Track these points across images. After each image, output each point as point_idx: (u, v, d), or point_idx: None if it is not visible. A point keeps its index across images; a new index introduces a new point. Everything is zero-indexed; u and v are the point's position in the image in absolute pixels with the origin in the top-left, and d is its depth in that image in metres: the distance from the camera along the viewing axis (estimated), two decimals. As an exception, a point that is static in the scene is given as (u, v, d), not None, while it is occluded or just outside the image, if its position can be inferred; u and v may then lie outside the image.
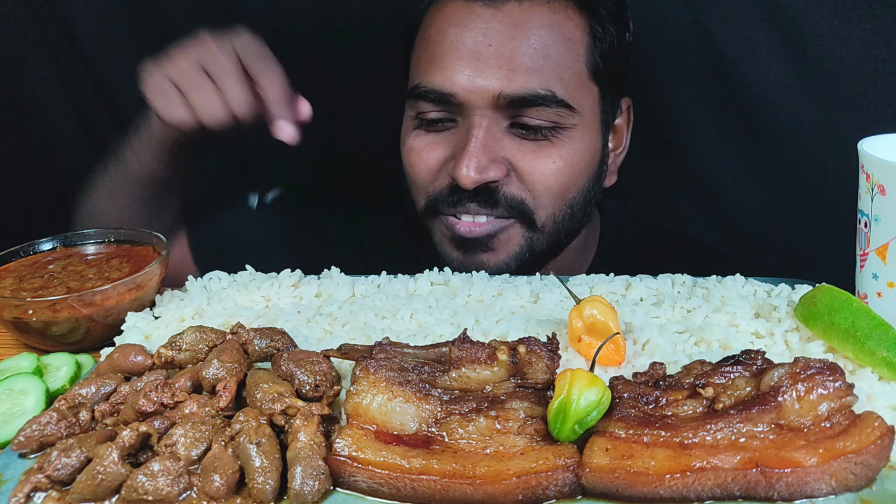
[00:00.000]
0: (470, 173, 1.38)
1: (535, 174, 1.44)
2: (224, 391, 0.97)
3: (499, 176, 1.42)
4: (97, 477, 0.84)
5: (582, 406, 0.87)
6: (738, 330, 1.13)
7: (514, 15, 1.39)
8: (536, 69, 1.39)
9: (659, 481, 0.82)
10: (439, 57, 1.42)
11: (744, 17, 1.80)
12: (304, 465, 0.84)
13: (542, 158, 1.44)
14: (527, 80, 1.38)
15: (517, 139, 1.44)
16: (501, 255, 1.50)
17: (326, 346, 1.06)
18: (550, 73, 1.40)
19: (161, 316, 1.25)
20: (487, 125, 1.40)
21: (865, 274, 1.15)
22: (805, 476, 0.82)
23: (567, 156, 1.45)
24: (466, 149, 1.39)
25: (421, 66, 1.46)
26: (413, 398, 0.92)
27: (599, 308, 1.06)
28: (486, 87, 1.38)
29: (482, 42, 1.38)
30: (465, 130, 1.42)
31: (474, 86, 1.38)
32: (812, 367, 0.89)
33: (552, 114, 1.41)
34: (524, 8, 1.40)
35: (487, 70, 1.38)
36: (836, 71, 1.79)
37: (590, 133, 1.49)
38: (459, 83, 1.39)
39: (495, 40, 1.38)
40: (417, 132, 1.50)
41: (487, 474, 0.84)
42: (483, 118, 1.40)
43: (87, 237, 1.43)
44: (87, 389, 1.02)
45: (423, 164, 1.49)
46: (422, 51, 1.47)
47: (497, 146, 1.42)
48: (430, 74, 1.42)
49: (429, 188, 1.50)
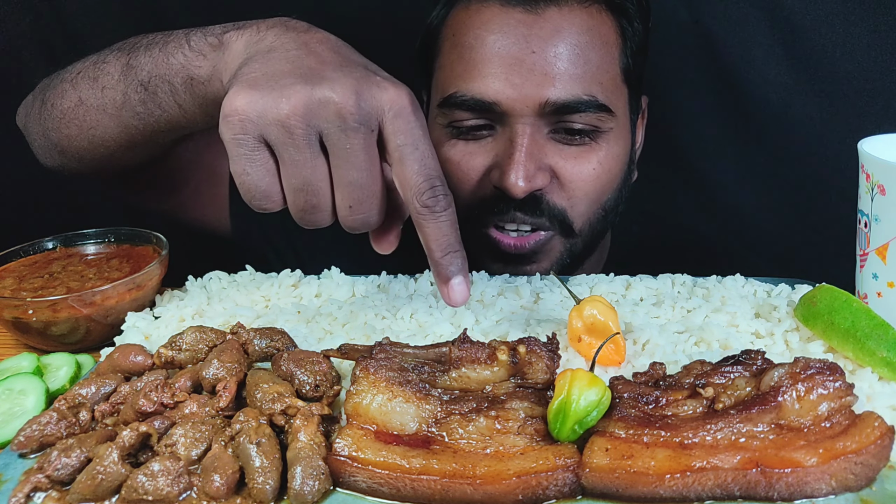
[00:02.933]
0: (519, 182, 1.35)
1: (576, 180, 1.43)
2: (224, 391, 0.97)
3: (545, 183, 1.41)
4: (97, 477, 0.84)
5: (582, 406, 0.87)
6: (738, 330, 1.13)
7: (555, 21, 1.37)
8: (579, 75, 1.37)
9: (659, 481, 0.82)
10: (479, 65, 1.38)
11: (744, 17, 1.80)
12: (304, 465, 0.84)
13: (582, 163, 1.42)
14: (571, 87, 1.36)
15: (558, 145, 1.42)
16: (544, 265, 1.50)
17: (326, 346, 1.06)
18: (591, 78, 1.38)
19: (161, 316, 1.25)
20: (531, 133, 1.37)
21: (865, 274, 1.15)
22: (805, 476, 0.82)
23: (605, 159, 1.44)
24: (514, 158, 1.36)
25: (456, 73, 1.41)
26: (413, 398, 0.92)
27: (599, 308, 1.06)
28: (532, 95, 1.35)
29: (525, 49, 1.35)
30: (506, 139, 1.39)
31: (519, 94, 1.35)
32: (812, 367, 0.89)
33: (593, 118, 1.39)
34: (564, 13, 1.38)
35: (532, 77, 1.35)
36: (836, 71, 1.79)
37: (623, 134, 1.49)
38: (504, 91, 1.35)
39: (538, 47, 1.35)
40: (453, 142, 1.45)
41: (487, 474, 0.84)
42: (527, 126, 1.37)
43: (88, 237, 1.43)
44: (87, 389, 1.02)
45: (464, 175, 1.44)
46: (455, 58, 1.42)
47: (541, 153, 1.40)
48: (470, 82, 1.38)
49: (469, 199, 1.46)
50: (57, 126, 1.37)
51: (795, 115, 1.85)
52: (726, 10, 1.80)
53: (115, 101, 1.27)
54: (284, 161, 0.92)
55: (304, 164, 0.91)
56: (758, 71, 1.83)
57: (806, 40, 1.78)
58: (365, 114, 0.91)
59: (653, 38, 1.84)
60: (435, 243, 0.96)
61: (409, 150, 0.93)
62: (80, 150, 1.38)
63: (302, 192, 0.93)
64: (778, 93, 1.84)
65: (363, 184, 0.92)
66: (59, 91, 1.36)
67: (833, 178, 1.79)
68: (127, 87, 1.24)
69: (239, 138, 0.91)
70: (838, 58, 1.78)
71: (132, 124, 1.27)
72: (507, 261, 1.48)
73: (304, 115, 0.89)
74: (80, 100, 1.31)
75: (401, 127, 0.92)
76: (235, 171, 0.93)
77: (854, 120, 1.80)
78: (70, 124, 1.34)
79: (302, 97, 0.89)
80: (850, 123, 1.80)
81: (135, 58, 1.25)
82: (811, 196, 1.92)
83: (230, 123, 0.91)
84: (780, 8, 1.77)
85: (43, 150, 1.47)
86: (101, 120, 1.30)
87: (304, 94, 0.89)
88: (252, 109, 0.90)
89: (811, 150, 1.87)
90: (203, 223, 1.69)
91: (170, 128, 1.26)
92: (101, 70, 1.30)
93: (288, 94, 0.90)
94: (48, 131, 1.40)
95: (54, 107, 1.37)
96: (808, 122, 1.85)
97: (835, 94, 1.81)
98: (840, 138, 1.77)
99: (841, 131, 1.80)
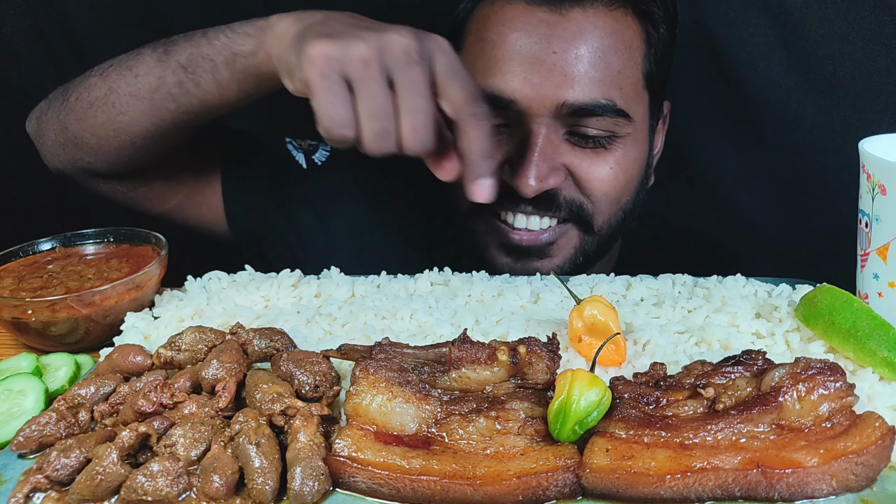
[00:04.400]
0: (531, 182, 1.36)
1: (593, 180, 1.43)
2: (223, 391, 0.96)
3: (559, 183, 1.41)
4: (96, 477, 0.84)
5: (582, 406, 0.86)
6: (738, 330, 1.13)
7: (579, 22, 1.37)
8: (599, 78, 1.37)
9: (659, 482, 0.82)
10: (500, 61, 1.38)
11: (744, 17, 1.80)
12: (304, 465, 0.84)
13: (598, 165, 1.43)
14: (590, 90, 1.36)
15: (574, 146, 1.42)
16: (557, 261, 1.50)
17: (326, 347, 1.06)
18: (611, 82, 1.38)
19: (160, 316, 1.25)
20: (546, 133, 1.38)
21: (866, 274, 1.14)
22: (806, 476, 0.82)
23: (622, 162, 1.44)
24: (527, 157, 1.37)
25: (476, 68, 1.41)
26: (413, 398, 0.92)
27: (600, 308, 1.06)
28: (550, 96, 1.35)
29: (547, 49, 1.35)
30: (521, 137, 1.40)
31: (537, 93, 1.35)
32: (813, 367, 0.89)
33: (610, 123, 1.40)
34: (588, 15, 1.37)
35: (551, 78, 1.35)
36: (836, 71, 1.79)
37: (641, 139, 1.49)
38: (522, 90, 1.36)
39: (560, 47, 1.35)
40: None
41: (487, 475, 0.84)
42: (542, 126, 1.38)
43: (87, 237, 1.43)
44: (87, 390, 1.02)
45: None
46: (477, 52, 1.43)
47: (555, 153, 1.40)
48: (489, 78, 1.38)
49: None
50: (82, 116, 1.39)
51: (796, 115, 1.85)
52: (726, 10, 1.80)
53: (149, 85, 1.33)
54: (362, 92, 1.05)
55: (379, 94, 1.05)
56: (758, 71, 1.83)
57: (806, 40, 1.78)
58: (425, 51, 1.08)
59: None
60: (476, 144, 1.11)
61: (456, 77, 1.10)
62: (100, 141, 1.40)
63: (377, 119, 1.06)
64: (778, 93, 1.84)
65: (425, 108, 1.07)
66: (87, 84, 1.40)
67: (834, 177, 1.79)
68: (164, 71, 1.32)
69: (325, 74, 1.05)
70: (838, 58, 1.77)
71: (164, 107, 1.34)
72: (518, 254, 1.48)
73: (378, 53, 1.05)
74: (111, 88, 1.36)
75: (448, 61, 1.10)
76: (320, 104, 1.06)
77: (854, 120, 1.80)
78: (98, 112, 1.38)
79: (375, 40, 1.06)
80: (850, 123, 1.80)
81: (173, 45, 1.33)
82: (812, 196, 1.92)
83: (315, 64, 1.06)
84: (781, 8, 1.77)
85: (55, 147, 1.48)
86: (131, 105, 1.35)
87: (376, 38, 1.06)
88: (335, 51, 1.05)
89: (812, 149, 1.87)
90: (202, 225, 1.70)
91: (202, 109, 1.33)
92: (135, 60, 1.36)
93: (364, 37, 1.06)
94: (68, 124, 1.42)
95: (79, 99, 1.39)
96: (808, 122, 1.85)
97: (835, 93, 1.81)
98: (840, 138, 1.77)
99: (841, 131, 1.81)
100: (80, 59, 2.03)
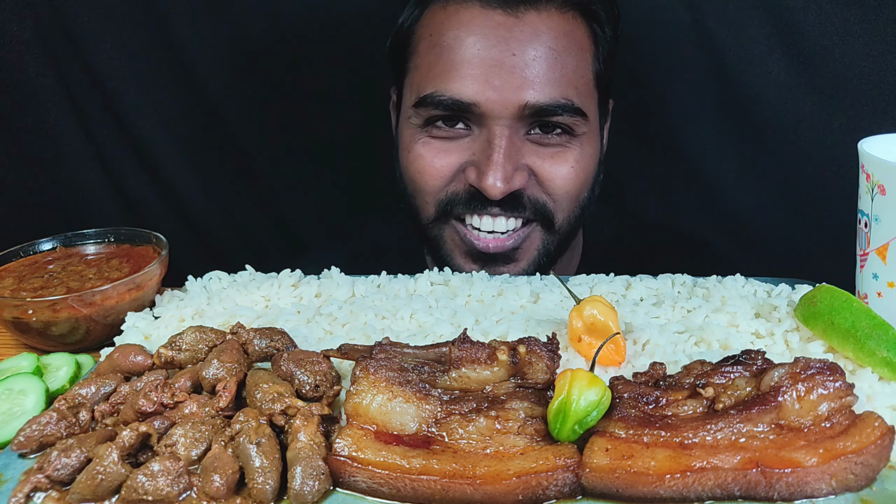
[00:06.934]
0: (497, 183, 1.37)
1: (555, 179, 1.45)
2: (224, 391, 0.97)
3: (523, 183, 1.42)
4: (97, 477, 0.84)
5: (582, 406, 0.87)
6: (738, 330, 1.13)
7: (534, 24, 1.38)
8: (556, 79, 1.38)
9: (659, 481, 0.82)
10: (458, 66, 1.38)
11: (744, 16, 1.80)
12: (304, 465, 0.84)
13: (559, 164, 1.44)
14: (549, 91, 1.37)
15: (535, 146, 1.44)
16: (522, 264, 1.51)
17: (326, 346, 1.06)
18: (567, 82, 1.40)
19: (161, 316, 1.25)
20: (509, 135, 1.39)
21: (866, 274, 1.14)
22: (805, 476, 0.82)
23: (580, 160, 1.46)
24: (492, 159, 1.38)
25: (434, 73, 1.41)
26: (413, 398, 0.92)
27: (599, 308, 1.06)
28: (511, 98, 1.36)
29: (506, 51, 1.36)
30: (484, 140, 1.41)
31: (499, 96, 1.36)
32: (812, 367, 0.89)
33: (569, 122, 1.41)
34: (542, 17, 1.39)
35: (511, 80, 1.36)
36: (836, 71, 1.79)
37: (594, 137, 1.51)
38: (484, 93, 1.36)
39: (518, 50, 1.36)
40: (426, 140, 1.47)
41: (487, 474, 0.84)
42: (505, 128, 1.39)
43: (87, 237, 1.43)
44: (87, 389, 1.02)
45: (436, 172, 1.46)
46: (433, 58, 1.43)
47: (518, 154, 1.41)
48: (448, 83, 1.39)
49: (439, 194, 1.48)
50: None
51: (795, 115, 1.85)
52: (726, 10, 1.81)
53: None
54: None
55: None
56: (758, 71, 1.83)
57: (806, 40, 1.78)
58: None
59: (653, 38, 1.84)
60: None
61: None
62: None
63: None
64: (778, 93, 1.84)
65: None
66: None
67: (833, 177, 1.80)
68: None
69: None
70: (838, 58, 1.78)
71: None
72: (484, 260, 1.49)
73: None
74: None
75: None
76: None
77: (854, 120, 1.80)
78: None
79: None
80: (850, 123, 1.80)
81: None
82: (811, 196, 1.92)
83: None
84: (780, 8, 1.77)
85: None
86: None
87: None
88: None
89: (811, 150, 1.87)
90: None
91: None
92: None
93: None
94: None
95: None
96: (808, 122, 1.85)
97: (835, 94, 1.81)
98: (840, 138, 1.77)
99: (841, 131, 1.81)
100: (80, 59, 2.03)
